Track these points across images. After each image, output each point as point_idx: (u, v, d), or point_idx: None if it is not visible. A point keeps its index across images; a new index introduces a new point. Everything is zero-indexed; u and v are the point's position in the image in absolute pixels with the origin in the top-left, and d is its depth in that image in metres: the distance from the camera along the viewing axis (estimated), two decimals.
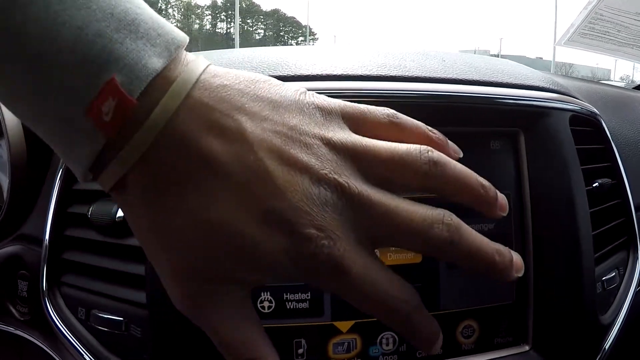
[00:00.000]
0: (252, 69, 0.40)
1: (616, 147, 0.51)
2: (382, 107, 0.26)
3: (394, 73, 0.41)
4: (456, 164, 0.24)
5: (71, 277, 0.41)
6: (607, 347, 0.44)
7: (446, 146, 0.26)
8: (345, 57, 0.44)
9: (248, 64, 0.41)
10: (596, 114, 0.49)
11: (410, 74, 0.41)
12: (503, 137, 0.43)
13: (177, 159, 0.20)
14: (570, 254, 0.41)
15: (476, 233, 0.24)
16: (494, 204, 0.25)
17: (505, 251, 0.24)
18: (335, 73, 0.40)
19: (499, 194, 0.25)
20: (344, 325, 0.39)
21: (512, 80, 0.44)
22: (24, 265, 0.43)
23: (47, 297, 0.41)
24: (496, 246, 0.24)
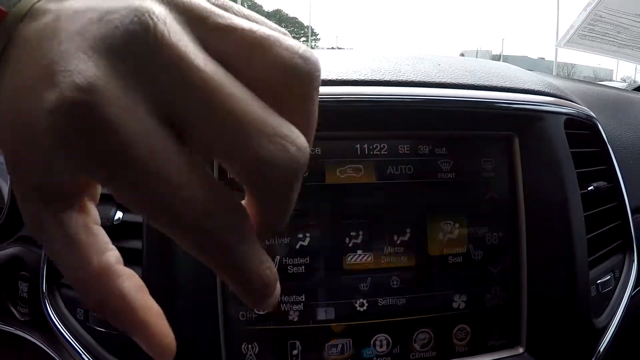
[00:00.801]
0: None
1: (613, 150, 0.51)
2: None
3: (388, 77, 0.41)
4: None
5: None
6: (602, 349, 0.44)
7: None
8: (340, 61, 0.44)
9: None
10: (592, 117, 0.49)
11: (405, 78, 0.42)
12: (497, 141, 0.43)
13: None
14: (564, 257, 0.42)
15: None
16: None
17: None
18: (330, 78, 0.40)
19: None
20: (338, 327, 0.39)
21: (507, 84, 0.45)
22: (24, 266, 0.44)
23: (47, 298, 0.41)
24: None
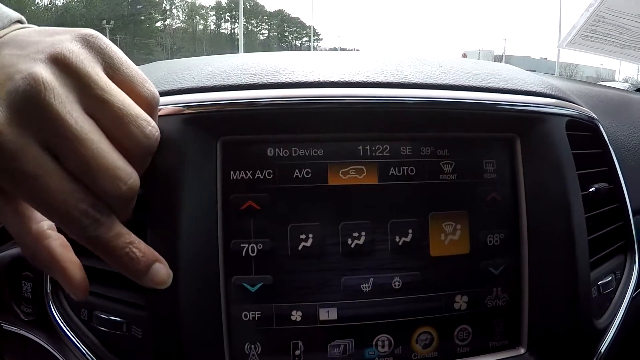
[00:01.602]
0: (251, 77, 0.40)
1: (615, 152, 0.51)
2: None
3: (390, 79, 0.42)
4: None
5: None
6: (603, 350, 0.44)
7: None
8: (343, 63, 0.44)
9: (247, 70, 0.41)
10: (594, 118, 0.49)
11: (407, 80, 0.42)
12: (499, 142, 0.43)
13: None
14: (565, 258, 0.42)
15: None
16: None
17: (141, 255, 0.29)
18: (333, 80, 0.41)
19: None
20: (340, 327, 0.40)
21: (509, 86, 0.45)
22: (27, 266, 0.44)
23: (50, 298, 0.42)
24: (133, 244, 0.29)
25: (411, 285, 0.40)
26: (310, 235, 0.39)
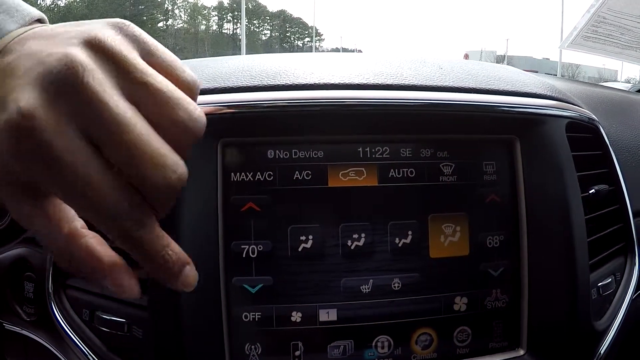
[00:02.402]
0: (252, 79, 0.41)
1: (616, 153, 0.51)
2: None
3: (390, 81, 0.42)
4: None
5: (76, 279, 0.42)
6: (603, 352, 0.44)
7: None
8: (343, 65, 0.45)
9: (247, 72, 0.41)
10: (594, 120, 0.49)
11: (407, 82, 0.42)
12: (499, 144, 0.43)
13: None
14: (565, 260, 0.42)
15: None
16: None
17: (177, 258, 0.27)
18: (333, 82, 0.41)
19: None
20: (340, 328, 0.40)
21: (509, 87, 0.45)
22: (30, 267, 0.44)
23: (52, 298, 0.42)
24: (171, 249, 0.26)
25: (411, 287, 0.40)
26: (311, 237, 0.39)
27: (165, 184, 0.24)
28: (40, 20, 0.30)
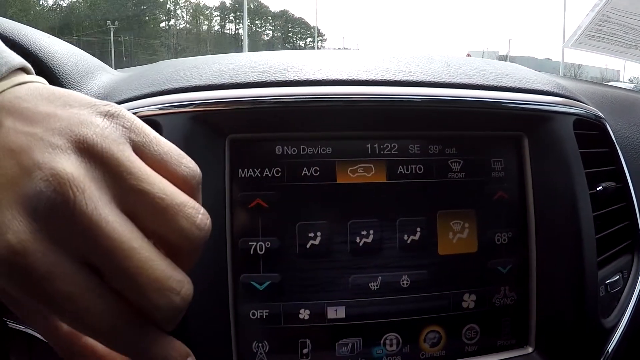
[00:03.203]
0: (259, 75, 0.40)
1: (622, 151, 0.51)
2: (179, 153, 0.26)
3: (398, 78, 0.42)
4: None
5: None
6: (611, 349, 0.44)
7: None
8: (351, 61, 0.44)
9: (255, 69, 0.41)
10: (601, 117, 0.49)
11: (415, 78, 0.42)
12: (507, 141, 0.43)
13: None
14: (573, 257, 0.42)
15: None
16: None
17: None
18: (341, 78, 0.41)
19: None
20: (348, 325, 0.39)
21: (517, 84, 0.45)
22: None
23: None
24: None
25: (419, 284, 0.40)
26: (319, 234, 0.39)
27: (168, 307, 0.23)
28: (24, 70, 0.26)
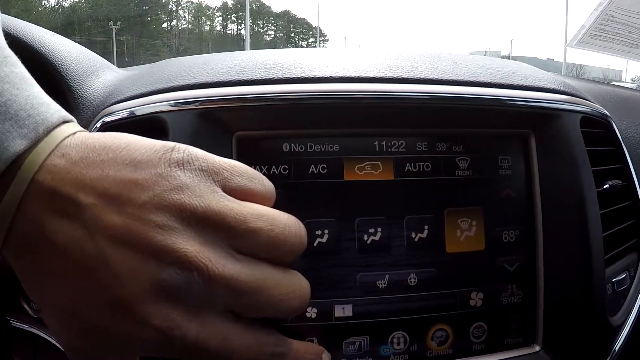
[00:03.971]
0: (266, 72, 0.40)
1: (627, 149, 0.51)
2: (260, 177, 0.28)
3: (405, 75, 0.42)
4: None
5: None
6: (617, 348, 0.44)
7: None
8: (357, 59, 0.44)
9: (262, 66, 0.41)
10: (607, 115, 0.49)
11: (421, 76, 0.42)
12: (514, 139, 0.43)
13: (29, 244, 0.20)
14: (581, 255, 0.42)
15: None
16: None
17: None
18: (348, 75, 0.41)
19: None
20: (356, 324, 0.39)
21: (523, 82, 0.45)
22: None
23: None
24: None
25: (427, 282, 0.40)
26: (326, 231, 0.39)
27: (297, 312, 0.28)
28: (67, 122, 0.24)
